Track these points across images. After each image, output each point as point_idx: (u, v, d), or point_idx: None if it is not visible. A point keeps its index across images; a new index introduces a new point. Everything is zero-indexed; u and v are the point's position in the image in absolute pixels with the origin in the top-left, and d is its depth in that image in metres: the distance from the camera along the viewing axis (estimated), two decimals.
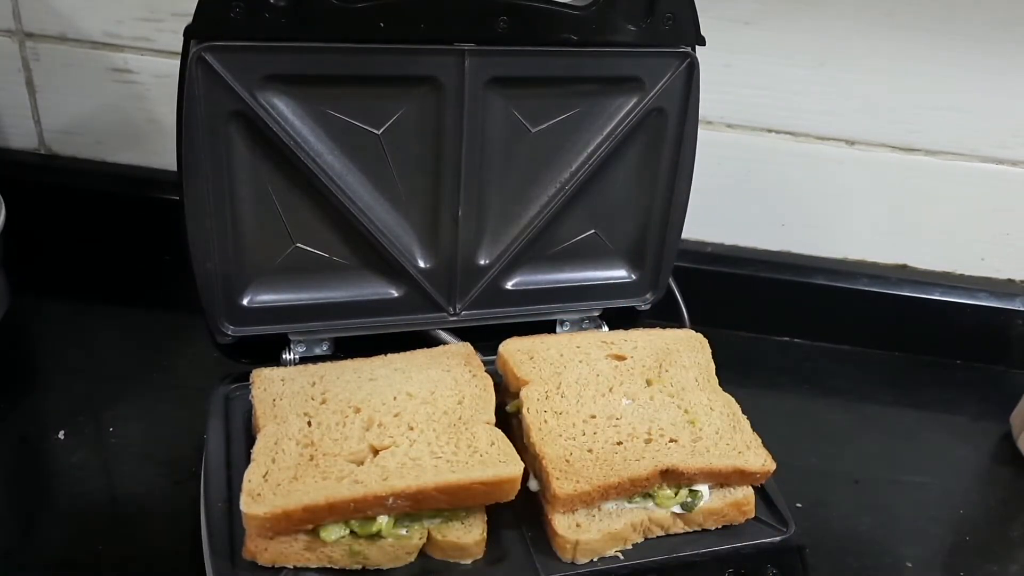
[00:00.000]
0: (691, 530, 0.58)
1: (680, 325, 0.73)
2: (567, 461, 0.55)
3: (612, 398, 0.60)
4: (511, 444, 0.56)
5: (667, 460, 0.56)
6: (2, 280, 0.76)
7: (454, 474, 0.52)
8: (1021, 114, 0.79)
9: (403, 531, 0.53)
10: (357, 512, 0.51)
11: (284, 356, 0.63)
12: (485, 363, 0.63)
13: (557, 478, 0.54)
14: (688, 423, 0.59)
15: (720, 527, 0.58)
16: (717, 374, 0.65)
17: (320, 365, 0.61)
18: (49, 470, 0.64)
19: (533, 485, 0.56)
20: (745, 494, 0.58)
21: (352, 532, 0.51)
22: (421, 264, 0.64)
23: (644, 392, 0.61)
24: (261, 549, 0.50)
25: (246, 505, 0.49)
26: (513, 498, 0.54)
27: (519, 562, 0.54)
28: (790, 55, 0.77)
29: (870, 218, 0.85)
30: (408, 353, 0.63)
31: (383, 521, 0.51)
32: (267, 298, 0.62)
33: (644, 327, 0.69)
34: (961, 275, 0.88)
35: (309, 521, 0.50)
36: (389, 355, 0.62)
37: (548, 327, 0.69)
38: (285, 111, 0.56)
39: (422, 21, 0.55)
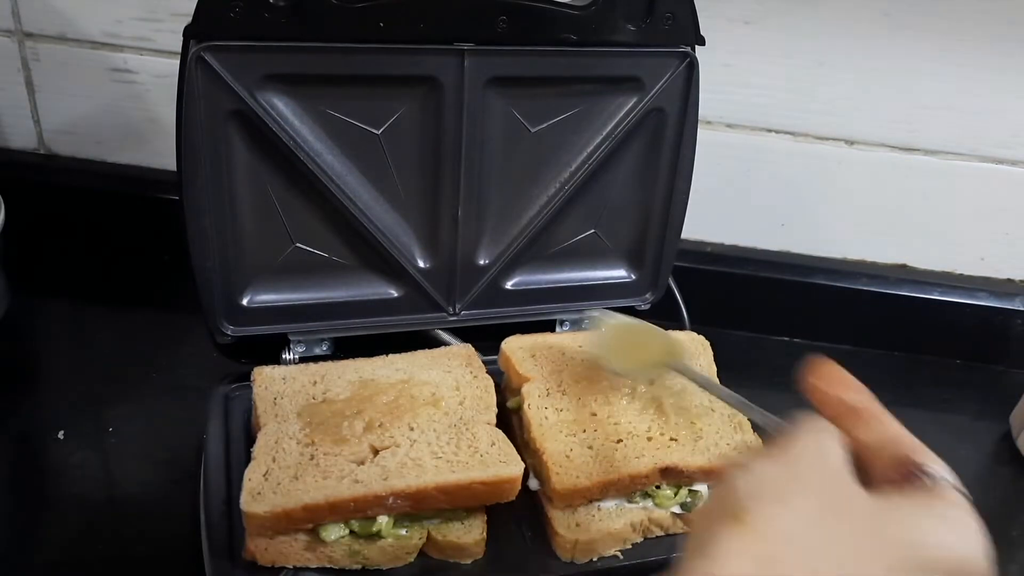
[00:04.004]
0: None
1: (680, 325, 0.73)
2: (567, 457, 0.55)
3: (613, 397, 0.60)
4: (512, 444, 0.56)
5: (667, 458, 0.56)
6: (2, 280, 0.76)
7: (454, 474, 0.52)
8: (1021, 114, 0.79)
9: (403, 531, 0.53)
10: (357, 512, 0.51)
11: (284, 356, 0.63)
12: (485, 363, 0.63)
13: (557, 473, 0.54)
14: (689, 423, 0.59)
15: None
16: (717, 374, 0.65)
17: (321, 364, 0.61)
18: (49, 470, 0.64)
19: (533, 484, 0.56)
20: None
21: (352, 532, 0.52)
22: (421, 264, 0.64)
23: (645, 392, 0.61)
24: (261, 549, 0.50)
25: (246, 504, 0.49)
26: (514, 498, 0.54)
27: (519, 562, 0.54)
28: (790, 55, 0.77)
29: (870, 218, 0.85)
30: (410, 354, 0.63)
31: (383, 521, 0.51)
32: (267, 298, 0.62)
33: None
34: (961, 275, 0.88)
35: (309, 520, 0.50)
36: (391, 355, 0.62)
37: (548, 327, 0.69)
38: (285, 111, 0.56)
39: (422, 21, 0.55)
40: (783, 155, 0.82)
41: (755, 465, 0.36)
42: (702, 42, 0.61)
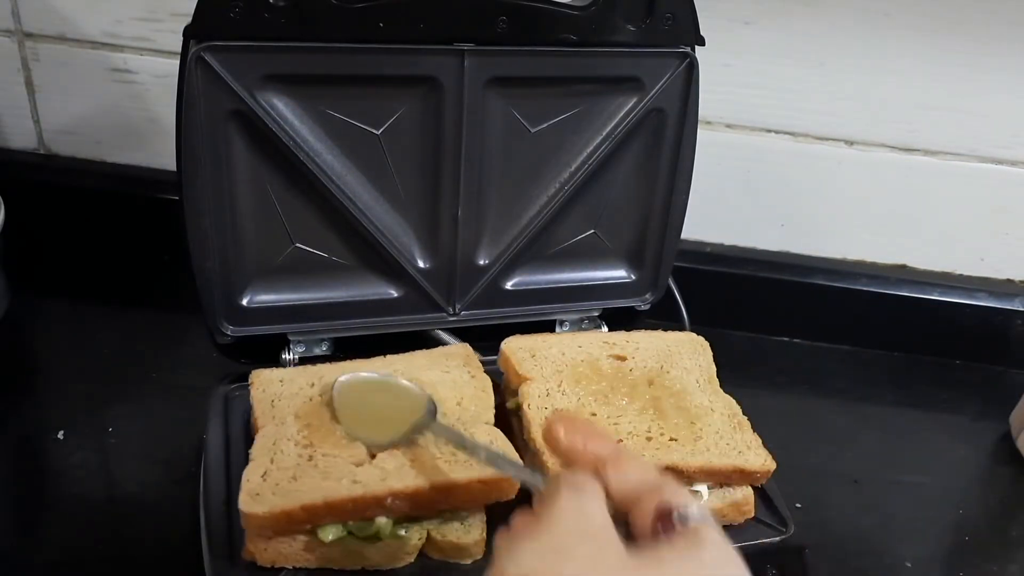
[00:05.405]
0: None
1: (680, 325, 0.73)
2: None
3: (613, 397, 0.60)
4: (510, 443, 0.56)
5: (667, 458, 0.56)
6: (2, 280, 0.76)
7: (452, 473, 0.52)
8: (1021, 114, 0.79)
9: (402, 531, 0.53)
10: (356, 513, 0.51)
11: (283, 356, 0.63)
12: (485, 363, 0.63)
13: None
14: (689, 423, 0.59)
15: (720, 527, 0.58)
16: (717, 374, 0.64)
17: (319, 366, 0.61)
18: (49, 470, 0.64)
19: None
20: (744, 494, 0.58)
21: (350, 533, 0.51)
22: (420, 264, 0.64)
23: (645, 392, 0.61)
24: (260, 549, 0.50)
25: (245, 504, 0.49)
26: (513, 497, 0.54)
27: None
28: (790, 55, 0.77)
29: (870, 218, 0.85)
30: (407, 354, 0.63)
31: (381, 522, 0.51)
32: (266, 298, 0.62)
33: (645, 328, 0.69)
34: (960, 275, 0.88)
35: (308, 521, 0.50)
36: (388, 356, 0.62)
37: (547, 327, 0.69)
38: (285, 111, 0.56)
39: (422, 21, 0.55)
40: (783, 155, 0.82)
41: (519, 545, 0.36)
42: (702, 42, 0.61)
